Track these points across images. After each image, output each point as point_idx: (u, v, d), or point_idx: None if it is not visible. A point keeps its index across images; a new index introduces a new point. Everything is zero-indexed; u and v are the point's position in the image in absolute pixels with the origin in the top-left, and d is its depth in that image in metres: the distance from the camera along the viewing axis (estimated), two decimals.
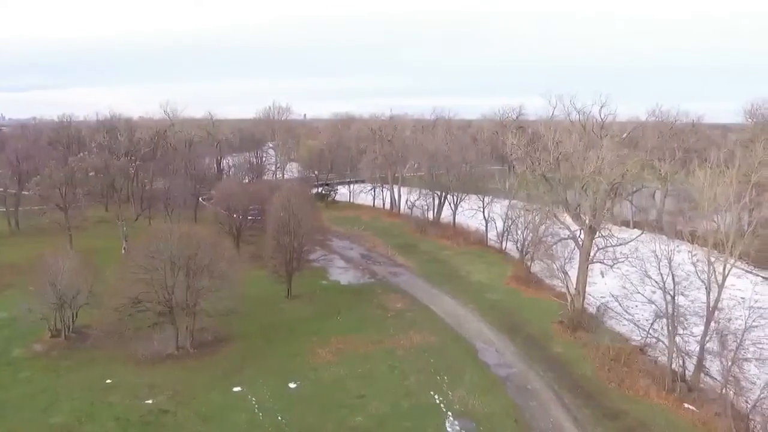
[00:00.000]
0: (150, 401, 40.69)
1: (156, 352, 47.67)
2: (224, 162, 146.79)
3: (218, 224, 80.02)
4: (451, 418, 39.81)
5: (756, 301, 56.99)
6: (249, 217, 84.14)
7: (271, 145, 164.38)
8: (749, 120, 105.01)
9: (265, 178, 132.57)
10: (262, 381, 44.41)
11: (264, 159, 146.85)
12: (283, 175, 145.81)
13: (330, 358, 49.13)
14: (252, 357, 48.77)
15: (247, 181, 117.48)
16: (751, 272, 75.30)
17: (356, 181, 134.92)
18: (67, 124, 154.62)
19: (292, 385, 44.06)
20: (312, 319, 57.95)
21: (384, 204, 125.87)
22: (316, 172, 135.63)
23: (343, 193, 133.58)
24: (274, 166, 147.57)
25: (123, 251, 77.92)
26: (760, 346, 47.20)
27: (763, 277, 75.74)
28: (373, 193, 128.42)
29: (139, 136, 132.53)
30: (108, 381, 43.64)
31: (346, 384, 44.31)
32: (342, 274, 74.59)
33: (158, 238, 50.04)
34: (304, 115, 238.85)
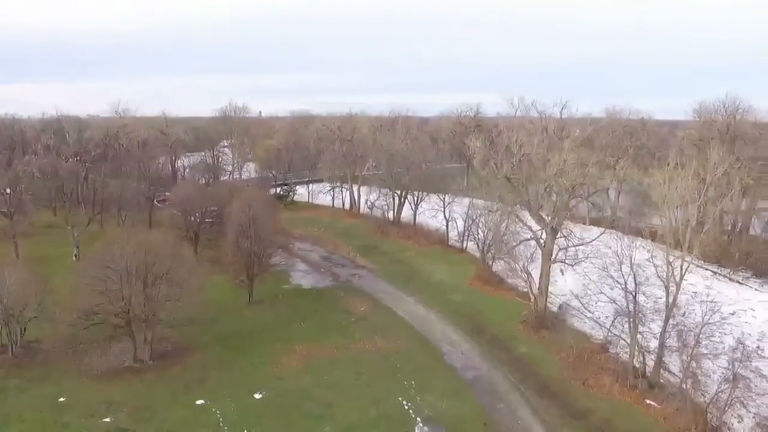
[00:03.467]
0: (108, 419, 38.95)
1: (112, 366, 45.75)
2: (179, 163, 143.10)
3: (175, 228, 77.69)
4: (420, 424, 39.56)
5: (708, 296, 58.68)
6: (207, 220, 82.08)
7: (226, 144, 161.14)
8: (697, 118, 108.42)
9: (222, 178, 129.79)
10: (226, 392, 43.18)
11: (220, 159, 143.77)
12: (240, 175, 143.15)
13: (295, 365, 48.21)
14: (214, 367, 47.40)
15: (203, 182, 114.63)
16: (701, 267, 77.75)
17: (315, 181, 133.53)
18: (10, 124, 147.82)
19: (257, 396, 43.00)
20: (275, 326, 56.84)
21: (343, 204, 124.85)
22: (273, 173, 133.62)
23: (301, 193, 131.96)
24: (230, 167, 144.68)
25: (74, 258, 74.95)
26: (714, 339, 48.50)
27: (713, 272, 78.37)
28: (332, 194, 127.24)
29: (89, 136, 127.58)
30: (61, 399, 41.56)
31: (312, 393, 43.51)
32: (304, 278, 73.59)
33: (113, 246, 48.04)
34: (260, 112, 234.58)
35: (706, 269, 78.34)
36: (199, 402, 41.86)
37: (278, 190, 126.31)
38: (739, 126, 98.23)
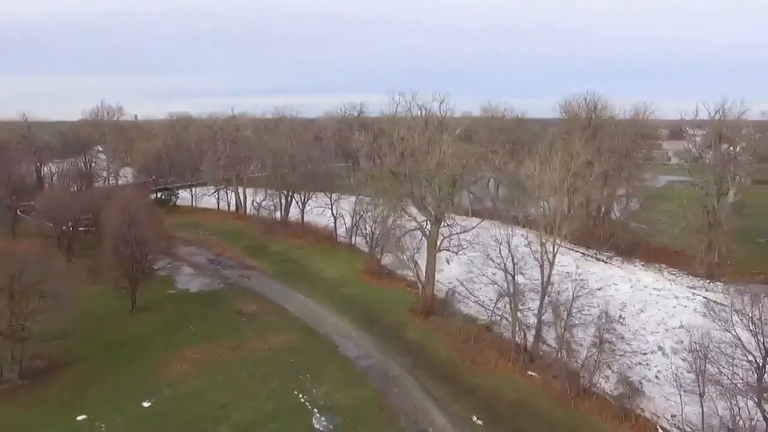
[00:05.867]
0: None
1: None
2: (45, 169, 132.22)
3: (44, 238, 71.91)
4: (317, 415, 39.89)
5: (579, 274, 63.91)
6: (81, 229, 76.79)
7: (101, 149, 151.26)
8: (564, 114, 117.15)
9: (97, 185, 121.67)
10: (111, 404, 40.89)
11: (94, 164, 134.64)
12: (117, 181, 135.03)
13: (185, 370, 46.66)
14: (97, 380, 44.66)
15: (75, 189, 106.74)
16: (572, 249, 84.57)
17: (198, 184, 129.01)
18: None
19: (146, 404, 41.13)
20: (162, 332, 54.55)
21: (229, 206, 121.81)
22: (153, 177, 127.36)
23: (185, 197, 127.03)
24: (106, 172, 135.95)
25: None
26: (584, 312, 52.99)
27: (582, 253, 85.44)
28: (217, 196, 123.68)
29: None
30: None
31: (205, 395, 42.37)
32: (191, 282, 71.11)
33: None
34: (135, 116, 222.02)
35: (576, 251, 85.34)
36: (80, 418, 39.29)
37: (159, 194, 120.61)
38: (598, 120, 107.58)
